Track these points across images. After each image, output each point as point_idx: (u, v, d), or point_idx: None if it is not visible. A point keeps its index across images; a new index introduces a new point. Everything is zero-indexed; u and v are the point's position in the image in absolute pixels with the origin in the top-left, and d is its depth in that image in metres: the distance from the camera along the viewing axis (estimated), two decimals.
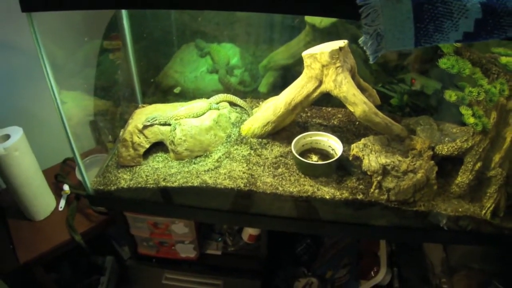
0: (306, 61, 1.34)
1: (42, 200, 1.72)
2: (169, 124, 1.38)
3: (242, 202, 1.34)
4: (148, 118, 1.38)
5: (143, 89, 1.65)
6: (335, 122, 1.51)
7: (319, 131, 1.42)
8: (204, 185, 1.29)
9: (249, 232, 1.59)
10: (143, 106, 1.59)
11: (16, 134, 1.61)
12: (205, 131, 1.38)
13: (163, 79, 1.64)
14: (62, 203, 1.75)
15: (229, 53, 1.62)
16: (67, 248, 1.67)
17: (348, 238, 1.68)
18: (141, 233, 1.57)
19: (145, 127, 1.38)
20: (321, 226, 1.40)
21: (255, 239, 1.60)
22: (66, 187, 1.76)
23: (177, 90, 1.67)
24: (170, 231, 1.53)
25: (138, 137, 1.38)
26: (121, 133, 1.48)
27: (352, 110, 1.31)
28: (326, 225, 1.39)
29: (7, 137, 1.62)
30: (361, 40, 0.95)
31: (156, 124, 1.38)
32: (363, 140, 1.34)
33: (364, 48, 0.95)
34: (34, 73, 1.84)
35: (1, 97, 1.81)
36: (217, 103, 1.48)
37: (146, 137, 1.38)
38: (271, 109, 1.39)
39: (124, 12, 1.51)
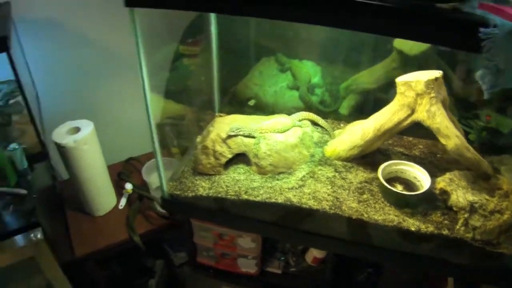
0: (400, 88, 1.32)
1: (104, 196, 1.70)
2: (253, 137, 1.36)
3: (318, 223, 1.31)
4: (233, 128, 1.36)
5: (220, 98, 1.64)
6: (416, 153, 1.48)
7: (401, 160, 1.39)
8: (288, 203, 1.26)
9: (314, 254, 1.55)
10: (220, 115, 1.57)
11: (87, 127, 1.61)
12: (290, 147, 1.35)
13: (242, 90, 1.62)
14: (123, 201, 1.74)
15: (310, 71, 1.60)
16: (124, 247, 1.65)
17: (413, 272, 1.64)
18: (204, 242, 1.54)
19: (229, 137, 1.36)
20: (395, 256, 1.37)
21: (319, 262, 1.57)
22: (128, 186, 1.75)
23: (251, 102, 1.65)
24: (235, 244, 1.50)
25: (220, 146, 1.36)
26: (198, 139, 1.46)
27: (444, 143, 1.28)
28: (399, 256, 1.35)
29: (77, 129, 1.61)
30: (478, 74, 0.93)
31: (240, 135, 1.36)
32: (448, 175, 1.31)
33: (480, 82, 0.93)
34: (106, 69, 1.85)
35: (73, 90, 1.82)
36: (300, 121, 1.46)
37: (229, 147, 1.36)
38: (359, 133, 1.37)
39: (213, 18, 1.50)
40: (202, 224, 1.50)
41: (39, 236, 1.38)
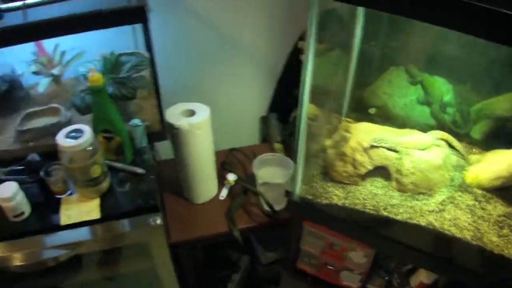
0: None
1: (207, 185, 1.65)
2: (395, 151, 1.30)
3: (448, 249, 1.27)
4: (376, 139, 1.30)
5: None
6: None
7: None
8: (430, 227, 1.22)
9: (420, 279, 1.50)
10: (348, 121, 1.52)
11: (203, 112, 1.56)
12: (434, 168, 1.30)
13: (370, 97, 1.56)
14: (224, 192, 1.68)
15: (442, 88, 1.54)
16: (221, 239, 1.60)
17: None
18: (311, 248, 1.50)
19: (372, 147, 1.30)
20: None
21: None
22: (230, 177, 1.70)
23: (371, 110, 1.60)
24: (345, 257, 1.46)
25: (361, 155, 1.31)
26: (328, 143, 1.41)
27: None
28: None
29: (191, 112, 1.56)
30: None
31: (383, 147, 1.31)
32: None
33: None
34: (223, 55, 1.79)
35: (187, 71, 1.76)
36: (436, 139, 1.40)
37: (370, 158, 1.31)
38: (504, 164, 1.32)
39: (361, 19, 1.43)
40: (315, 231, 1.45)
41: (158, 221, 1.32)
